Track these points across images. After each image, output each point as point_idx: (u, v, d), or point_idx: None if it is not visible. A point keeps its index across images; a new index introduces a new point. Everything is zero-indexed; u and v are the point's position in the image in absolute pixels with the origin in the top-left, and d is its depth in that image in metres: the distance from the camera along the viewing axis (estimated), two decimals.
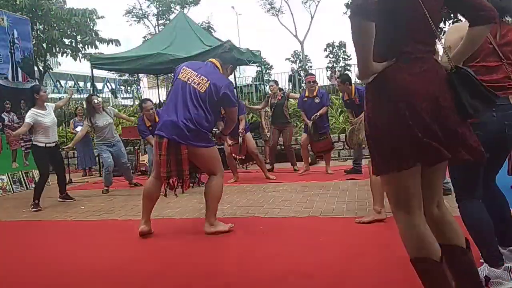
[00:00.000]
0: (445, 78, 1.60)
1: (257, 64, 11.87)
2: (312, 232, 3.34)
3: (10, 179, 7.20)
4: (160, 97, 12.94)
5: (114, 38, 14.09)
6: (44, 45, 13.31)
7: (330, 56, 31.93)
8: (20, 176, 7.39)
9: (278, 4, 30.94)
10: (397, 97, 1.53)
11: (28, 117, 5.35)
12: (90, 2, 15.03)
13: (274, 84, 7.31)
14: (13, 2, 11.85)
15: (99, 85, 24.39)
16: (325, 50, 32.24)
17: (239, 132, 5.97)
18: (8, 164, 7.01)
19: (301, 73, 17.89)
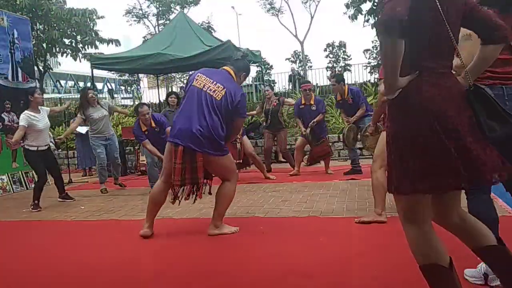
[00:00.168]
0: (464, 95, 1.60)
1: (257, 64, 11.87)
2: (312, 232, 3.34)
3: (10, 179, 7.20)
4: (160, 97, 12.90)
5: (114, 38, 14.14)
6: (44, 45, 13.33)
7: (330, 56, 32.01)
8: (20, 176, 7.39)
9: (278, 4, 31.03)
10: (425, 111, 1.52)
11: (22, 119, 5.29)
12: (90, 2, 15.06)
13: (269, 89, 7.24)
14: (13, 2, 11.87)
15: (99, 85, 24.41)
16: (325, 50, 32.33)
17: (237, 137, 5.94)
18: (8, 164, 7.01)
19: (301, 73, 17.88)
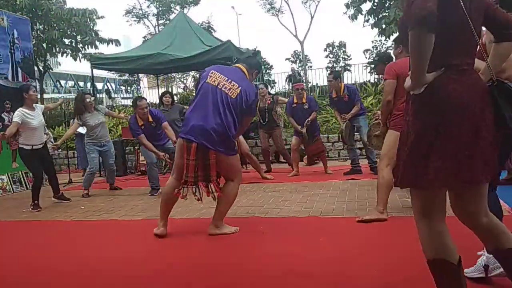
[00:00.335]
0: (486, 91, 1.63)
1: None
2: (312, 232, 3.34)
3: (10, 179, 7.20)
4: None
5: (114, 38, 14.16)
6: (44, 45, 13.34)
7: (330, 56, 31.94)
8: (20, 176, 7.38)
9: (278, 4, 30.87)
10: (450, 107, 1.56)
11: (16, 116, 5.23)
12: (90, 2, 15.08)
13: (264, 87, 7.25)
14: (13, 2, 11.88)
15: (99, 85, 24.43)
16: (325, 50, 32.26)
17: None
18: (8, 164, 7.00)
19: (301, 73, 17.85)
